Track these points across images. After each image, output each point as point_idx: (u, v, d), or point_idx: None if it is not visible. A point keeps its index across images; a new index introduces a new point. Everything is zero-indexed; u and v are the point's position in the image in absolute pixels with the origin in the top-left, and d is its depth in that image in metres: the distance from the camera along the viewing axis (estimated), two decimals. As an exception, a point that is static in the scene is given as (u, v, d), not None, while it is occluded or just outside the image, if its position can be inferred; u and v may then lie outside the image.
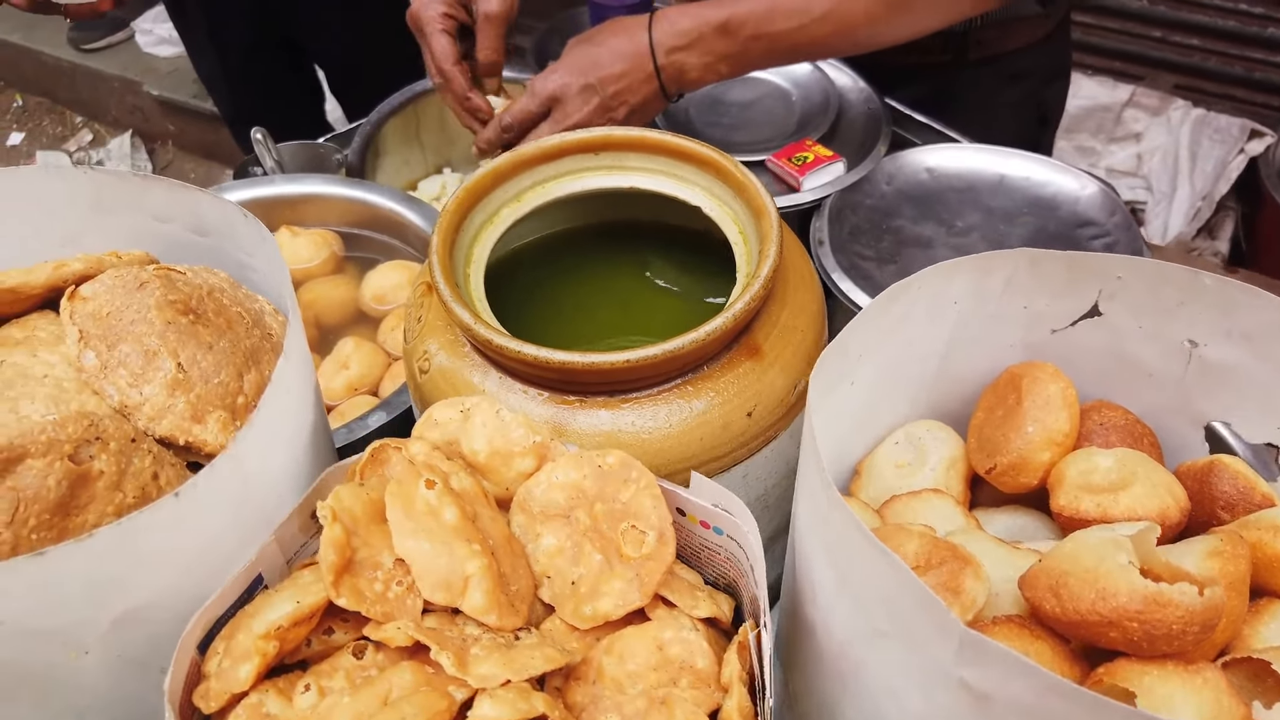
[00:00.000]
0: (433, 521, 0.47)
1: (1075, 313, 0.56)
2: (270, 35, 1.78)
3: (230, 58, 1.72)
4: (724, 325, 0.56)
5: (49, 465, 0.42)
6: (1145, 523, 0.45)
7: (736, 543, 0.49)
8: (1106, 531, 0.45)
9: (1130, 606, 0.40)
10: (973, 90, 1.15)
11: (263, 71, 1.80)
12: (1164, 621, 0.40)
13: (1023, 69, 1.15)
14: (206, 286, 0.53)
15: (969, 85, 1.15)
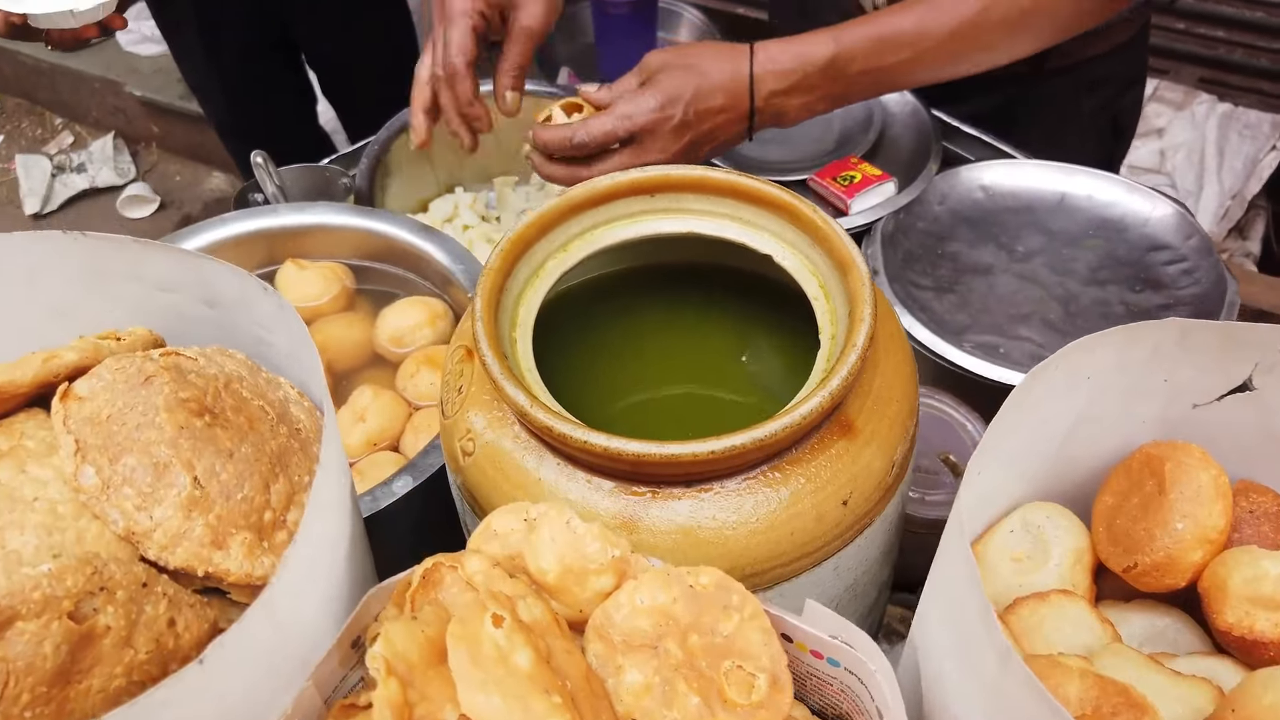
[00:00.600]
0: (503, 670, 0.39)
1: (1223, 387, 0.49)
2: (264, 38, 1.69)
3: (223, 63, 1.63)
4: (821, 405, 0.49)
5: (44, 627, 0.35)
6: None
7: (857, 678, 0.42)
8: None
9: (1370, 786, 0.33)
10: (1048, 101, 1.08)
11: (256, 77, 1.71)
12: None
13: (1100, 76, 1.08)
14: (223, 376, 0.46)
15: (1044, 96, 1.07)
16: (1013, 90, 1.06)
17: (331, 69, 1.90)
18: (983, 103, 1.06)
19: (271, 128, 1.82)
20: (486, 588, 0.43)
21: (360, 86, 1.91)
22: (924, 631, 0.44)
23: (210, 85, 1.74)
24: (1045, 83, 1.06)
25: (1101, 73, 1.08)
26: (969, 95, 1.06)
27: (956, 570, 0.38)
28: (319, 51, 1.85)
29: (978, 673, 0.36)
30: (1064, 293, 0.88)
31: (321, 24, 1.75)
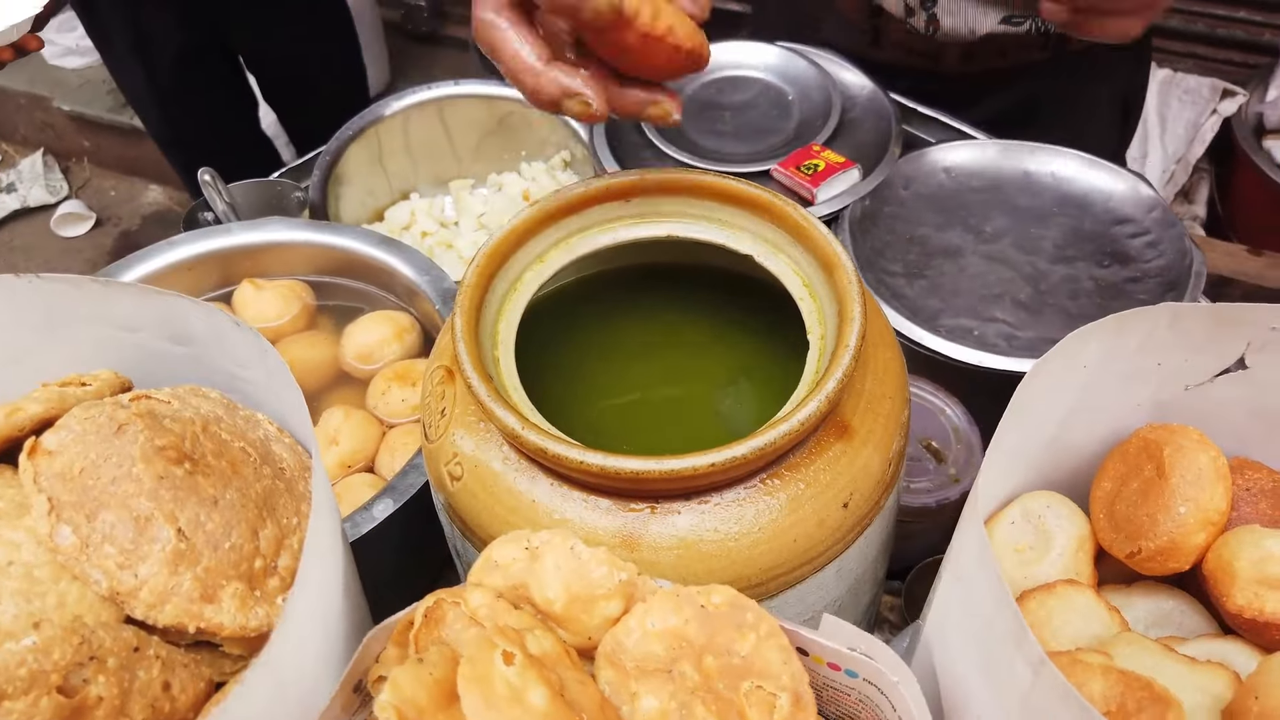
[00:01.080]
0: (519, 709, 0.38)
1: (1216, 367, 0.49)
2: (199, 44, 1.64)
3: (158, 72, 1.58)
4: (819, 409, 0.48)
5: (33, 704, 0.33)
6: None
7: (876, 688, 0.41)
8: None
9: (1402, 770, 0.33)
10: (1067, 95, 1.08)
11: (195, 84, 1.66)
12: None
13: (1113, 60, 1.09)
14: (200, 419, 0.43)
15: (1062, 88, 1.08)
16: (1032, 83, 1.07)
17: (271, 73, 1.86)
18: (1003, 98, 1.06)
19: (213, 136, 1.78)
20: (493, 622, 0.42)
21: (302, 90, 1.86)
22: (940, 633, 0.43)
23: (146, 95, 1.69)
24: (1064, 70, 1.06)
25: (1115, 58, 1.09)
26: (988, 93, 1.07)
27: (977, 574, 0.37)
28: (257, 56, 1.80)
29: (1005, 680, 0.35)
30: (1033, 271, 0.89)
31: (257, 28, 1.70)
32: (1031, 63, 1.06)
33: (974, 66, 1.07)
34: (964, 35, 1.01)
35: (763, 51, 1.10)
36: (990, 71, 1.07)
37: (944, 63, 1.09)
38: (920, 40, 1.05)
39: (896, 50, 1.10)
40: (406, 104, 1.07)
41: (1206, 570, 0.47)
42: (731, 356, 0.65)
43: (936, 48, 1.06)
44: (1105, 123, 1.17)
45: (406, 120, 1.08)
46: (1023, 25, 1.00)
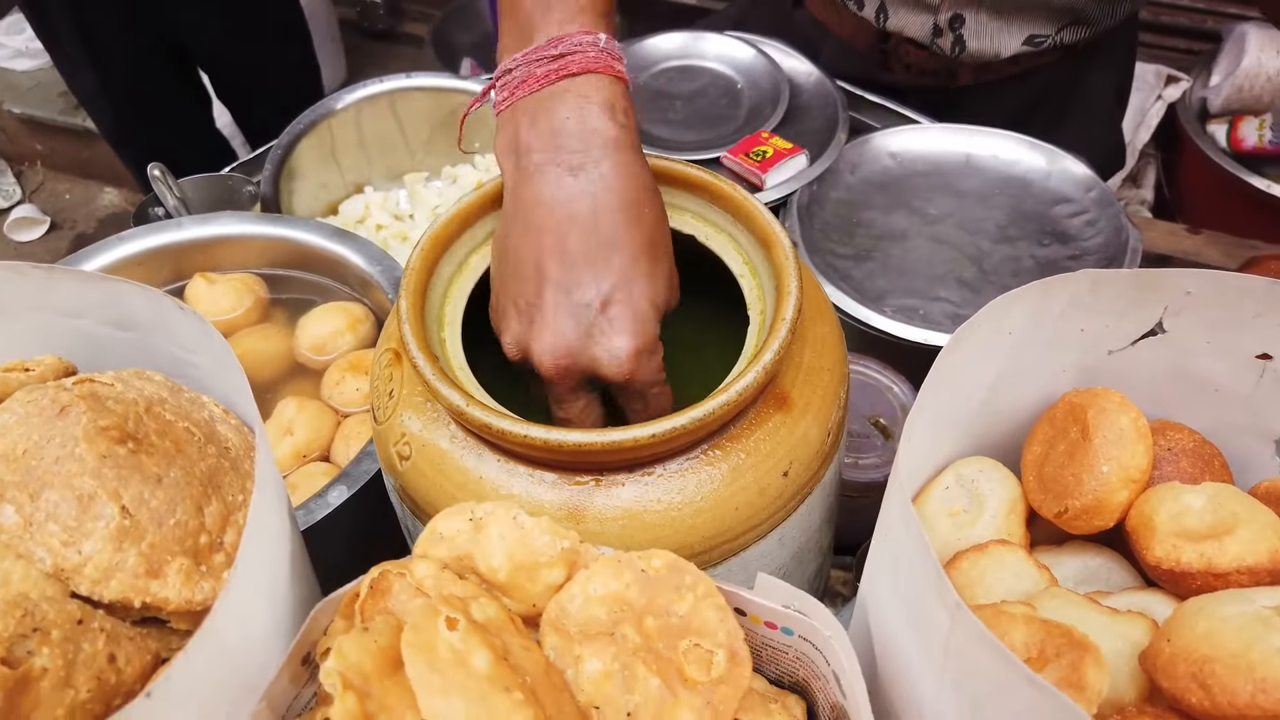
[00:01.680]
0: (462, 672, 0.39)
1: (1136, 332, 0.51)
2: (151, 43, 1.63)
3: (111, 73, 1.57)
4: (756, 380, 0.49)
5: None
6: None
7: (811, 644, 0.43)
8: (1240, 603, 0.39)
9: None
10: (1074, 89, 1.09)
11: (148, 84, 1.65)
12: (1337, 712, 0.35)
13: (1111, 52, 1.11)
14: (143, 400, 0.44)
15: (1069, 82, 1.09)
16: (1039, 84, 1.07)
17: (224, 72, 1.85)
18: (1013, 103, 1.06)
19: (167, 136, 1.76)
20: (437, 592, 0.43)
21: (256, 89, 1.86)
22: (873, 593, 0.45)
23: (98, 96, 1.67)
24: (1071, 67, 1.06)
25: (1112, 48, 1.10)
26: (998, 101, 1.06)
27: (902, 532, 0.39)
28: (208, 55, 1.79)
29: (929, 629, 0.37)
30: (976, 251, 0.91)
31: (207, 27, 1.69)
32: (1042, 65, 1.07)
33: (987, 77, 1.07)
34: (988, 57, 1.00)
35: (712, 41, 1.11)
36: (1000, 81, 1.08)
37: (958, 79, 1.08)
38: (935, 60, 1.05)
39: (907, 73, 1.09)
40: (358, 97, 1.07)
41: (1129, 526, 0.49)
42: (676, 335, 0.66)
43: (954, 66, 1.06)
44: (1105, 110, 1.18)
45: (359, 113, 1.08)
46: (1044, 44, 0.99)
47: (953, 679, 0.36)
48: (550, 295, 0.53)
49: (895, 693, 0.43)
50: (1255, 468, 0.53)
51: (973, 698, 0.36)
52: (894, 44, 1.06)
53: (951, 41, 0.99)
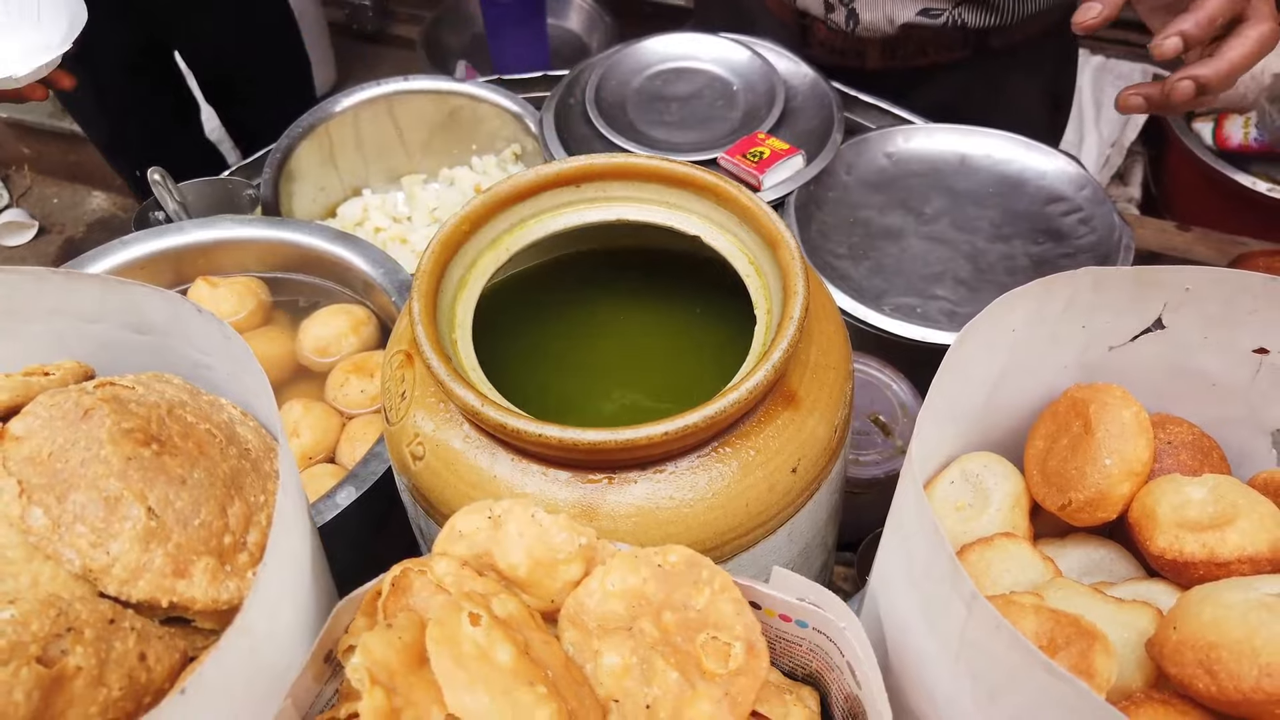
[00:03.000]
0: (486, 667, 0.39)
1: (1136, 328, 0.52)
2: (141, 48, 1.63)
3: (103, 77, 1.56)
4: (766, 378, 0.50)
5: (14, 675, 0.34)
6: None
7: (825, 636, 0.44)
8: (1243, 590, 0.41)
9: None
10: (995, 89, 1.12)
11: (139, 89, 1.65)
12: (1340, 695, 0.36)
13: (1038, 58, 1.13)
14: (164, 403, 0.44)
15: (989, 82, 1.11)
16: (956, 80, 1.10)
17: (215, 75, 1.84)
18: (926, 96, 1.09)
19: (159, 143, 1.76)
20: (458, 589, 0.43)
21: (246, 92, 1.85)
22: (884, 584, 0.46)
23: (88, 102, 1.67)
24: (988, 67, 1.09)
25: (1039, 53, 1.12)
26: (912, 90, 1.10)
27: (915, 524, 0.40)
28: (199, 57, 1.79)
29: (944, 618, 0.38)
30: (972, 250, 0.92)
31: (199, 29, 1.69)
32: (954, 60, 1.09)
33: (897, 63, 1.09)
34: (883, 28, 1.03)
35: (707, 43, 1.12)
36: (913, 69, 1.10)
37: (868, 60, 1.11)
38: (842, 38, 1.08)
39: (822, 49, 1.13)
40: (356, 100, 1.08)
41: (1132, 518, 0.50)
42: (684, 334, 0.67)
43: (859, 44, 1.09)
44: (1033, 116, 1.20)
45: (356, 117, 1.08)
46: (940, 18, 1.02)
47: (968, 668, 0.37)
48: None
49: (907, 682, 0.44)
50: (1253, 460, 0.54)
51: (988, 686, 0.37)
52: (810, 20, 1.09)
53: (845, 15, 1.03)
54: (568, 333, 0.67)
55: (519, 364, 0.64)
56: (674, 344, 0.67)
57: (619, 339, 0.67)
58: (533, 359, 0.65)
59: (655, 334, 0.67)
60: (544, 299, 0.68)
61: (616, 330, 0.68)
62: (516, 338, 0.66)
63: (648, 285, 0.69)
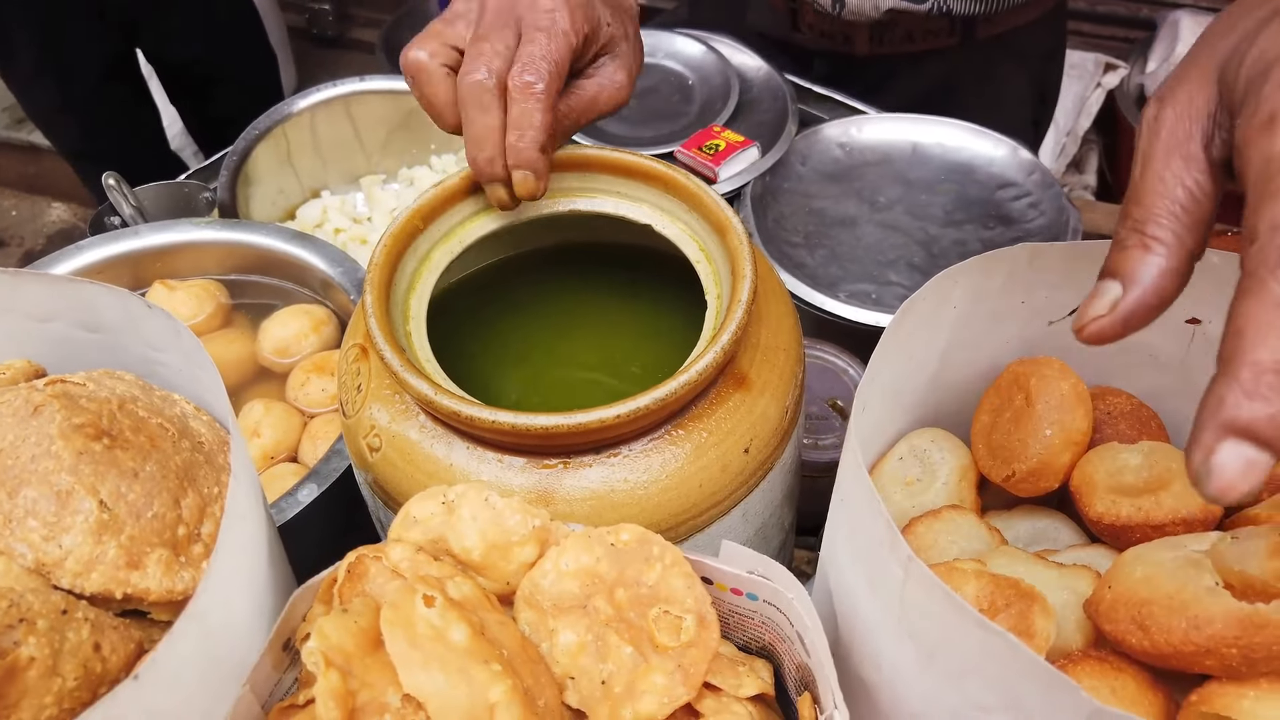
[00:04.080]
0: (441, 647, 0.40)
1: (1074, 302, 0.53)
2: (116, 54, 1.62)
3: (76, 84, 1.55)
4: (715, 360, 0.51)
5: (-36, 667, 0.34)
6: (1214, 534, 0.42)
7: (776, 608, 0.45)
8: (1174, 548, 0.42)
9: (1227, 633, 0.37)
10: (982, 77, 1.14)
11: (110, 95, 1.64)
12: (1263, 644, 0.37)
13: (1026, 47, 1.15)
14: (116, 399, 0.45)
15: (976, 71, 1.13)
16: (944, 67, 1.11)
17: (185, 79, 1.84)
18: (915, 84, 1.11)
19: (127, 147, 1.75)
20: (413, 573, 0.44)
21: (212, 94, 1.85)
22: (832, 557, 0.47)
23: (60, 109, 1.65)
24: (976, 55, 1.11)
25: (1027, 44, 1.14)
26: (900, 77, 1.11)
27: (855, 493, 0.41)
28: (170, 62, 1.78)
29: (884, 583, 0.39)
30: (925, 236, 0.93)
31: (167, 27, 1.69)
32: (941, 47, 1.11)
33: (884, 49, 1.11)
34: (869, 12, 1.05)
35: (663, 39, 1.13)
36: (901, 55, 1.12)
37: (855, 46, 1.13)
38: (830, 21, 1.10)
39: (812, 33, 1.14)
40: (313, 101, 1.08)
41: (1072, 486, 0.51)
42: (638, 323, 0.68)
43: (847, 28, 1.11)
44: (1020, 105, 1.22)
45: (314, 118, 1.08)
46: (925, 3, 1.04)
47: (909, 629, 0.39)
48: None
49: (855, 648, 0.45)
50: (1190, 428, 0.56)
51: (928, 646, 0.38)
52: (800, 4, 1.11)
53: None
54: (525, 325, 0.68)
55: (477, 358, 0.65)
56: (630, 332, 0.68)
57: (576, 330, 0.68)
58: (491, 353, 0.66)
59: (612, 324, 0.68)
60: (501, 293, 0.68)
61: (573, 321, 0.68)
62: (474, 332, 0.67)
63: (603, 276, 0.70)
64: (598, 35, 0.59)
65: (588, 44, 0.58)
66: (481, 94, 0.56)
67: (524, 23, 0.57)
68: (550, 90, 0.55)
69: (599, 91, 0.60)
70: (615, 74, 0.61)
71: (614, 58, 0.61)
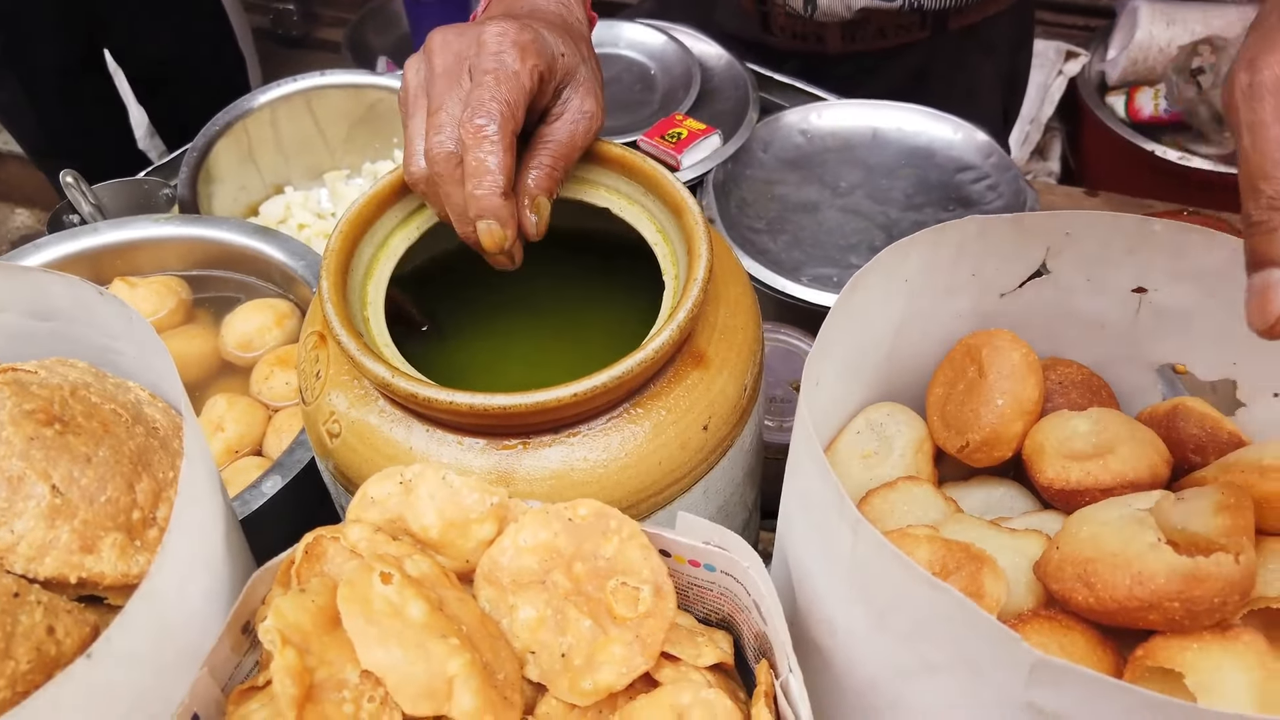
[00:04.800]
0: (398, 622, 0.40)
1: (1023, 274, 0.54)
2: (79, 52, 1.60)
3: (39, 82, 1.53)
4: (672, 338, 0.51)
5: (-87, 651, 0.34)
6: (1159, 492, 0.43)
7: (733, 578, 0.45)
8: (1119, 507, 0.43)
9: (1170, 588, 0.38)
10: (954, 67, 1.14)
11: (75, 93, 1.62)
12: (1205, 597, 0.38)
13: (996, 38, 1.16)
14: (68, 384, 0.45)
15: (949, 62, 1.14)
16: (916, 61, 1.12)
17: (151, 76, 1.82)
18: (887, 79, 1.12)
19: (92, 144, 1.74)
20: (371, 552, 0.44)
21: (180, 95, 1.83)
22: (788, 527, 0.47)
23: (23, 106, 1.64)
24: (947, 47, 1.12)
25: (997, 34, 1.15)
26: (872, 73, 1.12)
27: (806, 462, 0.41)
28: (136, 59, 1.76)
29: (835, 546, 0.39)
30: (886, 220, 0.94)
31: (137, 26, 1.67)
32: (913, 41, 1.12)
33: (857, 46, 1.12)
34: (840, 12, 1.05)
35: (624, 29, 1.13)
36: (874, 51, 1.13)
37: (828, 44, 1.13)
38: (803, 23, 1.10)
39: (784, 34, 1.14)
40: (273, 97, 1.07)
41: (1025, 454, 0.52)
42: (599, 306, 0.68)
43: (818, 29, 1.11)
44: (990, 95, 1.23)
45: (274, 113, 1.08)
46: (897, 1, 1.04)
47: (859, 592, 0.39)
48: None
49: (811, 614, 0.45)
50: (1141, 395, 0.57)
51: (879, 607, 0.38)
52: (771, 6, 1.11)
53: (804, 1, 1.04)
54: (486, 311, 0.68)
55: (438, 344, 0.65)
56: (592, 315, 0.68)
57: (539, 315, 0.68)
58: (451, 339, 0.66)
59: (573, 307, 0.68)
60: (461, 278, 0.68)
61: (536, 306, 0.68)
62: (435, 319, 0.67)
63: (564, 261, 0.70)
64: (555, 70, 0.57)
65: (545, 82, 0.56)
66: (453, 167, 0.54)
67: (473, 70, 0.54)
68: (505, 130, 0.53)
69: (574, 128, 0.58)
70: (583, 104, 0.58)
71: (576, 88, 0.59)
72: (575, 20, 0.65)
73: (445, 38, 0.57)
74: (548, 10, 0.64)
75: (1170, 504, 0.41)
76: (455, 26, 0.58)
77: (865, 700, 0.42)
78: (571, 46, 0.59)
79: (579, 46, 0.60)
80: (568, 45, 0.58)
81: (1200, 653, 0.39)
